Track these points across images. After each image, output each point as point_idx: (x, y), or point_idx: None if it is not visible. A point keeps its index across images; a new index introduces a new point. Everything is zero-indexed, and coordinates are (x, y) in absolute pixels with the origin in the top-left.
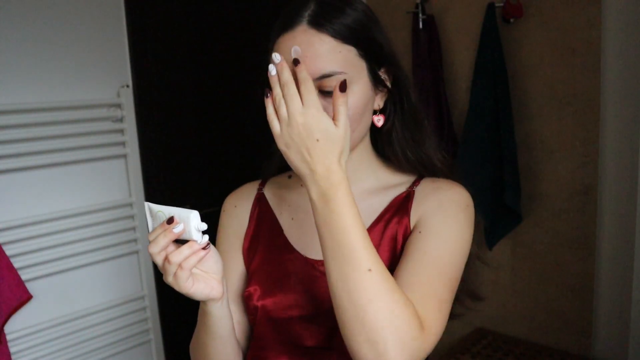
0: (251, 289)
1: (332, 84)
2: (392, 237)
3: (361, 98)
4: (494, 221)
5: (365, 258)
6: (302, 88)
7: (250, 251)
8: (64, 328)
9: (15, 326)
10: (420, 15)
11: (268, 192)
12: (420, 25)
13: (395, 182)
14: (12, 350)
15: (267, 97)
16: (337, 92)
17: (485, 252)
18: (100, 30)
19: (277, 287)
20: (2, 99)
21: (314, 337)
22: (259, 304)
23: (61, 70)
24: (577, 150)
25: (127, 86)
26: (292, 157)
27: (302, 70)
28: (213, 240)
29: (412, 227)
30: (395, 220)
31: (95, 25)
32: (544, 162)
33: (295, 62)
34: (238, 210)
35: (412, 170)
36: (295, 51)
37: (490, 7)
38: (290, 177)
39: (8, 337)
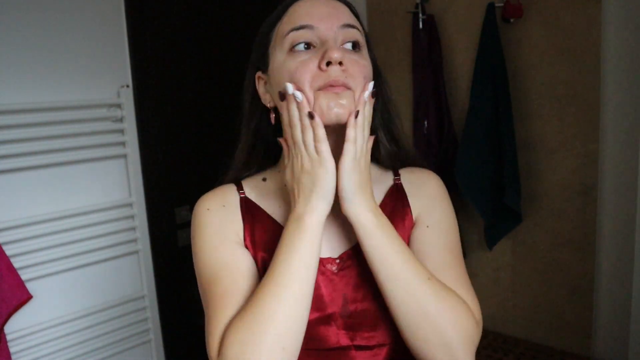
0: None
1: (356, 36)
2: (402, 219)
3: (371, 65)
4: (494, 221)
5: (423, 269)
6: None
7: (253, 249)
8: (64, 328)
9: (15, 326)
10: (420, 15)
11: (251, 195)
12: (420, 25)
13: (377, 175)
14: (12, 350)
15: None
16: None
17: (485, 252)
18: (100, 30)
19: None
20: (2, 99)
21: (331, 338)
22: None
23: (61, 70)
24: (577, 150)
25: (127, 86)
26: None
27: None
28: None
29: (414, 218)
30: (399, 206)
31: (95, 26)
32: (544, 162)
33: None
34: (227, 209)
35: (388, 165)
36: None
37: (490, 7)
38: (264, 179)
39: (8, 337)
